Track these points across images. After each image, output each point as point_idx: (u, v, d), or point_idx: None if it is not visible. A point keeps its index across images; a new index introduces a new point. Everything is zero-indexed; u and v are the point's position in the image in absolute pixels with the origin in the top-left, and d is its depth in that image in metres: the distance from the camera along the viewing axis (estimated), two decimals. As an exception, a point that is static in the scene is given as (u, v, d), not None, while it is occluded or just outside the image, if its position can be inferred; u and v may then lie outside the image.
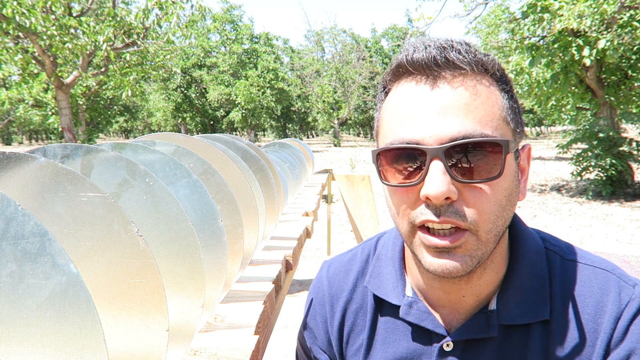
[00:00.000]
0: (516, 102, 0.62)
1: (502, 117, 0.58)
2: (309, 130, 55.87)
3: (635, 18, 7.41)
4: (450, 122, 0.55)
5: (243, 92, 27.34)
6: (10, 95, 13.38)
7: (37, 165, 0.54)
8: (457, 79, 0.57)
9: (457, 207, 0.56)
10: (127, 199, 0.68)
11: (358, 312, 0.77)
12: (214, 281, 0.85)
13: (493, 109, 0.57)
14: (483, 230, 0.57)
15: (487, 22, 13.16)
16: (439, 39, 0.59)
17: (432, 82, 0.58)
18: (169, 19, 9.55)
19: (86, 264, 0.55)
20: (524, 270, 0.66)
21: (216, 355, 0.85)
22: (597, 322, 0.62)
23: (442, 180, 0.55)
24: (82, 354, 0.44)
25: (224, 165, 1.10)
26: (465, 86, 0.57)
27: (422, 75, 0.59)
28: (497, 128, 0.57)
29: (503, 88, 0.60)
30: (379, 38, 49.56)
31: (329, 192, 5.36)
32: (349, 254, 0.84)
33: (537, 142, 30.61)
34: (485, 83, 0.58)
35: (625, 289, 0.63)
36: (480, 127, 0.56)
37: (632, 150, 8.89)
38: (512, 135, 0.60)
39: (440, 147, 0.55)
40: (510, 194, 0.59)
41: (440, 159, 0.55)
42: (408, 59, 0.59)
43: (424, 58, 0.58)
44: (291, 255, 1.54)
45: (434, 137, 0.56)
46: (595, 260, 0.67)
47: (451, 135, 0.55)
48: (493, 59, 0.60)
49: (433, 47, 0.58)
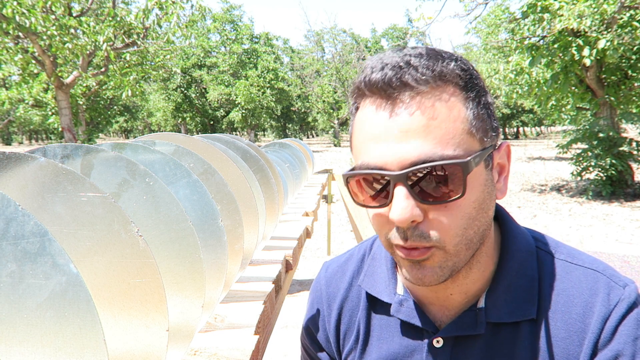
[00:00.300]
0: (486, 105, 0.60)
1: (466, 131, 0.57)
2: (309, 130, 55.87)
3: (635, 18, 7.41)
4: (410, 146, 0.56)
5: (243, 92, 27.35)
6: (10, 95, 13.37)
7: (37, 165, 0.54)
8: (415, 100, 0.56)
9: (422, 228, 0.58)
10: (127, 199, 0.68)
11: (354, 310, 0.79)
12: (214, 281, 0.85)
13: (455, 124, 0.56)
14: (450, 245, 0.59)
15: (487, 22, 13.16)
16: (398, 54, 0.58)
17: (390, 106, 0.57)
18: (169, 19, 9.55)
19: (86, 264, 0.55)
20: (513, 268, 0.67)
21: (216, 355, 0.85)
22: (585, 323, 0.62)
23: (404, 206, 0.56)
24: (82, 354, 0.44)
25: (224, 165, 1.10)
26: (423, 108, 0.56)
27: (381, 98, 0.58)
28: (460, 144, 0.56)
29: (467, 96, 0.59)
30: (379, 38, 49.57)
31: (329, 192, 5.36)
32: (346, 255, 0.86)
33: (537, 142, 30.61)
34: (446, 97, 0.57)
35: (615, 290, 0.63)
36: (440, 148, 0.55)
37: (632, 150, 8.89)
38: (479, 145, 0.59)
39: (402, 173, 0.55)
40: (481, 203, 0.60)
41: (402, 183, 0.56)
42: (366, 81, 0.59)
43: (379, 81, 0.57)
44: (291, 255, 1.54)
45: (395, 162, 0.56)
46: (586, 261, 0.67)
47: (411, 159, 0.55)
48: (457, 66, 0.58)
49: (389, 67, 0.57)
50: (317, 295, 0.84)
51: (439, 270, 0.60)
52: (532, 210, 8.18)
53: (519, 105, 21.80)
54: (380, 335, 0.74)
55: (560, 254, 0.69)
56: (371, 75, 0.58)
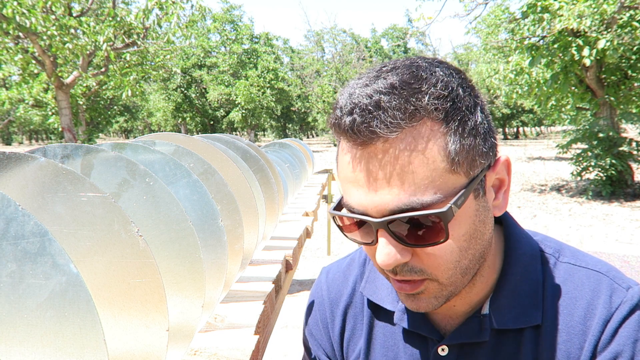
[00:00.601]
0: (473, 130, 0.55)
1: (447, 169, 0.53)
2: (309, 130, 55.88)
3: (635, 18, 7.41)
4: (387, 195, 0.53)
5: (243, 92, 27.35)
6: (10, 95, 13.37)
7: (37, 165, 0.55)
8: (388, 150, 0.52)
9: (412, 264, 0.57)
10: (127, 199, 0.68)
11: (357, 316, 0.77)
12: (214, 281, 0.85)
13: (433, 166, 0.52)
14: (443, 277, 0.58)
15: (487, 22, 13.16)
16: (368, 89, 0.53)
17: (364, 154, 0.54)
18: (169, 19, 9.55)
19: (86, 264, 0.55)
20: (517, 273, 0.66)
21: (216, 355, 0.85)
22: (586, 325, 0.61)
23: (387, 252, 0.55)
24: (82, 354, 0.44)
25: (224, 165, 1.10)
26: (397, 156, 0.52)
27: (353, 143, 0.55)
28: (440, 186, 0.53)
29: (448, 129, 0.53)
30: (379, 38, 49.57)
31: (329, 192, 5.36)
32: (347, 259, 0.84)
33: (537, 142, 30.61)
34: (422, 138, 0.52)
35: (618, 292, 0.62)
36: (419, 195, 0.52)
37: (632, 150, 8.89)
38: (465, 178, 0.55)
39: (382, 220, 0.54)
40: (473, 233, 0.58)
41: (384, 229, 0.55)
42: (336, 124, 0.55)
43: (348, 127, 0.53)
44: (291, 255, 1.54)
45: (375, 209, 0.54)
46: (590, 262, 0.66)
47: (389, 208, 0.53)
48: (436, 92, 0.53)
49: (358, 112, 0.52)
50: (318, 301, 0.82)
51: (434, 300, 0.59)
52: (532, 210, 8.18)
53: (519, 105, 21.80)
54: (385, 343, 0.73)
55: (564, 256, 0.68)
56: (341, 118, 0.54)
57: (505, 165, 0.61)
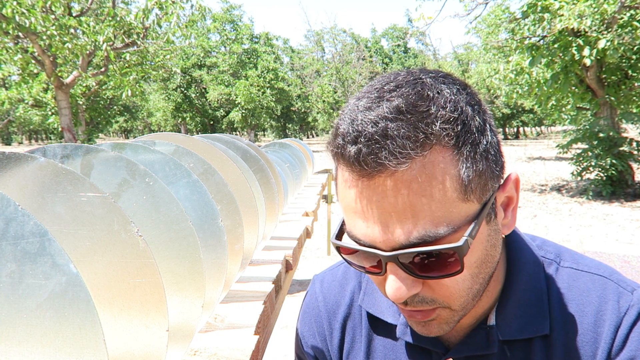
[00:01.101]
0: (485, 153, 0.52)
1: (460, 199, 0.50)
2: (309, 130, 55.87)
3: (635, 18, 7.41)
4: (397, 229, 0.50)
5: (243, 92, 27.35)
6: (10, 95, 13.37)
7: (37, 165, 0.54)
8: (397, 183, 0.49)
9: (423, 295, 0.55)
10: (127, 199, 0.68)
11: (356, 328, 0.75)
12: (214, 281, 0.85)
13: (446, 196, 0.49)
14: (455, 305, 0.56)
15: (487, 22, 13.16)
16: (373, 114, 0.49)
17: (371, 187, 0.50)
18: (169, 19, 9.55)
19: (86, 264, 0.54)
20: (521, 282, 0.64)
21: (216, 355, 0.85)
22: (597, 332, 0.61)
23: (398, 287, 0.53)
24: (82, 354, 0.44)
25: (224, 165, 1.10)
26: (408, 189, 0.48)
27: (358, 175, 0.50)
28: (454, 217, 0.50)
29: (460, 155, 0.50)
30: (379, 38, 49.57)
31: (329, 192, 5.36)
32: (341, 267, 0.81)
33: (537, 142, 30.61)
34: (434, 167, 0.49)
35: (624, 296, 0.62)
36: (431, 227, 0.49)
37: (632, 150, 8.89)
38: (477, 204, 0.52)
39: (392, 254, 0.51)
40: (485, 257, 0.56)
41: (394, 262, 0.52)
42: (339, 153, 0.51)
43: (354, 158, 0.49)
44: (291, 255, 1.54)
45: (384, 243, 0.51)
46: (592, 266, 0.66)
47: (400, 242, 0.50)
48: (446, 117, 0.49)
49: (363, 142, 0.48)
50: (314, 312, 0.79)
51: (445, 326, 0.58)
52: (532, 210, 8.18)
53: (519, 105, 21.80)
54: (385, 356, 0.71)
55: (565, 261, 0.67)
56: (344, 147, 0.50)
57: (514, 184, 0.59)
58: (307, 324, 0.80)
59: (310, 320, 0.80)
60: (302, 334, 0.81)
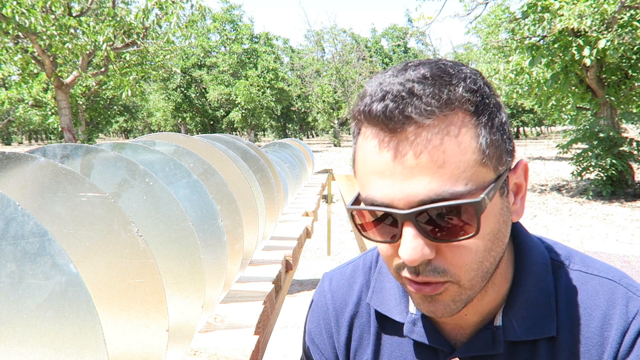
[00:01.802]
0: (500, 127, 0.55)
1: (478, 162, 0.52)
2: (309, 130, 55.87)
3: (635, 18, 7.41)
4: (417, 183, 0.51)
5: (243, 92, 27.35)
6: (10, 95, 13.36)
7: (37, 165, 0.54)
8: (420, 135, 0.51)
9: (436, 264, 0.55)
10: (127, 199, 0.68)
11: (364, 327, 0.75)
12: (214, 281, 0.85)
13: (465, 156, 0.52)
14: (465, 280, 0.56)
15: (487, 22, 13.15)
16: (399, 78, 0.53)
17: (394, 142, 0.52)
18: (169, 19, 9.55)
19: (86, 264, 0.54)
20: (529, 283, 0.64)
21: (216, 355, 0.85)
22: (604, 336, 0.60)
23: (414, 246, 0.52)
24: (82, 354, 0.44)
25: (224, 165, 1.10)
26: (430, 144, 0.51)
27: (382, 132, 0.53)
28: (472, 178, 0.52)
29: (479, 122, 0.53)
30: (379, 38, 49.58)
31: (329, 192, 5.36)
32: (350, 266, 0.82)
33: (537, 142, 30.61)
34: (454, 129, 0.52)
35: (633, 301, 0.61)
36: (450, 185, 0.51)
37: (632, 150, 8.89)
38: (493, 174, 0.54)
39: (410, 212, 0.52)
40: (497, 233, 0.56)
41: (411, 222, 0.52)
42: (365, 112, 0.54)
43: (380, 113, 0.52)
44: (291, 255, 1.54)
45: (402, 200, 0.52)
46: (601, 270, 0.65)
47: (419, 198, 0.51)
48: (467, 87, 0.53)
49: (390, 98, 0.52)
50: (322, 310, 0.80)
51: (452, 304, 0.57)
52: (532, 210, 8.18)
53: (519, 105, 21.79)
54: (392, 354, 0.71)
55: (574, 263, 0.66)
56: (371, 105, 0.53)
57: (523, 170, 0.61)
58: (315, 322, 0.81)
59: (318, 318, 0.80)
60: (310, 332, 0.81)
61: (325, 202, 5.95)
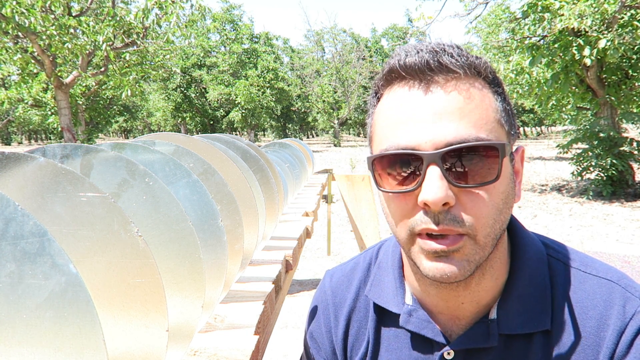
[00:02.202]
0: (509, 104, 0.62)
1: (497, 120, 0.58)
2: (309, 130, 55.88)
3: (636, 18, 7.41)
4: (445, 127, 0.55)
5: (243, 92, 27.35)
6: (10, 95, 13.36)
7: (37, 165, 0.54)
8: (450, 83, 0.57)
9: (455, 213, 0.56)
10: (127, 199, 0.68)
11: (362, 321, 0.76)
12: (214, 281, 0.85)
13: (487, 111, 0.57)
14: (481, 235, 0.57)
15: (487, 21, 13.15)
16: (431, 43, 0.59)
17: (425, 87, 0.57)
18: (169, 18, 9.54)
19: (86, 264, 0.54)
20: (524, 277, 0.65)
21: (216, 356, 0.84)
22: (600, 336, 0.60)
23: (439, 186, 0.54)
24: (82, 354, 0.44)
25: (224, 165, 1.10)
26: (459, 90, 0.56)
27: (414, 80, 0.58)
28: (492, 131, 0.57)
29: (496, 91, 0.60)
30: (379, 38, 49.58)
31: (329, 192, 5.36)
32: (350, 263, 0.83)
33: (538, 142, 30.61)
34: (478, 86, 0.58)
35: (631, 301, 0.61)
36: (475, 131, 0.55)
37: (632, 150, 8.89)
38: (506, 138, 0.59)
39: (437, 152, 0.55)
40: (507, 196, 0.59)
41: (437, 164, 0.55)
42: (400, 64, 0.59)
43: (416, 62, 0.57)
44: (291, 255, 1.54)
45: (430, 142, 0.55)
46: (600, 270, 0.65)
47: (446, 140, 0.55)
48: (485, 62, 0.60)
49: (425, 52, 0.58)
50: (322, 305, 0.81)
51: (466, 264, 0.57)
52: (532, 210, 8.18)
53: (520, 105, 21.80)
54: (389, 347, 0.72)
55: (573, 261, 0.67)
56: (406, 59, 0.58)
57: (520, 156, 0.65)
58: (315, 318, 0.82)
59: (318, 314, 0.82)
60: (310, 328, 0.83)
61: (325, 202, 5.95)
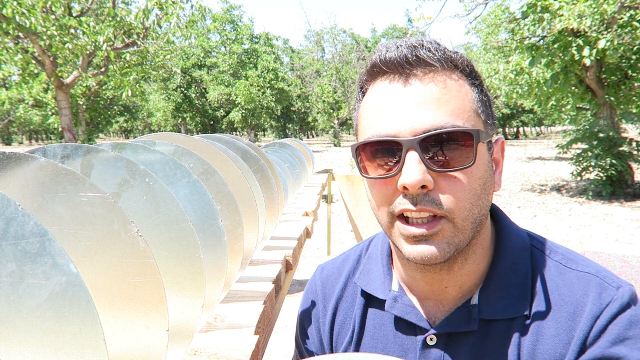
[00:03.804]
0: (486, 95, 0.65)
1: (473, 109, 0.61)
2: (309, 130, 55.86)
3: (635, 18, 7.41)
4: (423, 115, 0.59)
5: (243, 92, 27.35)
6: (10, 95, 13.36)
7: (37, 165, 0.54)
8: (428, 75, 0.60)
9: (433, 195, 0.59)
10: (127, 199, 0.68)
11: (348, 309, 0.79)
12: (214, 281, 0.85)
13: (463, 101, 0.61)
14: (459, 218, 0.60)
15: (487, 22, 13.16)
16: (410, 39, 0.63)
17: (404, 80, 0.61)
18: (169, 19, 9.55)
19: (86, 264, 0.54)
20: (506, 265, 0.67)
21: (216, 355, 0.85)
22: (575, 321, 0.62)
23: (417, 169, 0.58)
24: (82, 354, 0.44)
25: (224, 165, 1.10)
26: (436, 82, 0.60)
27: (395, 74, 0.62)
28: (468, 119, 0.60)
29: (473, 82, 0.63)
30: (379, 38, 49.55)
31: (329, 192, 5.36)
32: (342, 257, 0.86)
33: (537, 142, 30.60)
34: (455, 78, 0.62)
35: (607, 290, 0.63)
36: (451, 119, 0.59)
37: (632, 150, 8.89)
38: (483, 127, 0.63)
39: (415, 138, 0.58)
40: (485, 182, 0.62)
41: (415, 149, 0.58)
42: (381, 59, 0.63)
43: (395, 57, 0.61)
44: (291, 255, 1.54)
45: (409, 129, 0.59)
46: (580, 264, 0.67)
47: (424, 127, 0.59)
48: (462, 56, 0.63)
49: (404, 47, 0.61)
50: (311, 296, 0.84)
51: (446, 247, 0.60)
52: (532, 210, 8.18)
53: (519, 105, 21.79)
54: (374, 334, 0.74)
55: (556, 254, 0.69)
56: (386, 54, 0.62)
57: (500, 147, 0.68)
58: (305, 309, 0.85)
59: (308, 306, 0.85)
60: (301, 319, 0.86)
61: (325, 202, 5.95)
